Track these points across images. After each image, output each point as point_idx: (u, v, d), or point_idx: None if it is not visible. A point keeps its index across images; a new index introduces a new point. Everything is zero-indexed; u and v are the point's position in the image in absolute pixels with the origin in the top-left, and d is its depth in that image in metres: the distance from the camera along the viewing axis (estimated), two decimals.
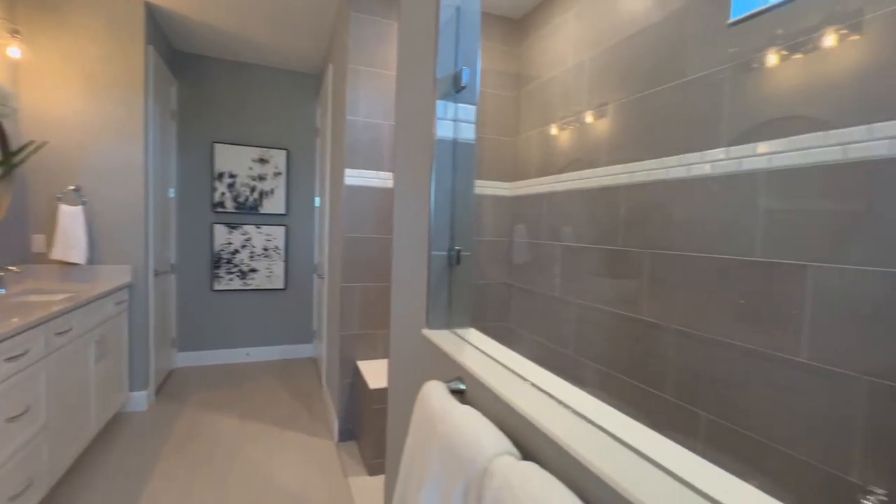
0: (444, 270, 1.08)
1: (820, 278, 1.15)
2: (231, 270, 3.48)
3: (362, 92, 2.27)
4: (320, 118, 3.46)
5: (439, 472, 0.65)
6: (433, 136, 1.05)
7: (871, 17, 1.08)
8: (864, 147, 1.07)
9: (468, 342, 0.99)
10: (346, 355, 2.35)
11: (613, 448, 0.53)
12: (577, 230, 2.12)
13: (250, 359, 3.62)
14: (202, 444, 2.29)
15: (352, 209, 2.29)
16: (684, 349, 1.53)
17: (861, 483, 1.04)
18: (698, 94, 1.50)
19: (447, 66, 1.05)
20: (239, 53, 3.31)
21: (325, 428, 2.53)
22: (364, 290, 2.33)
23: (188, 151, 3.35)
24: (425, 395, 0.80)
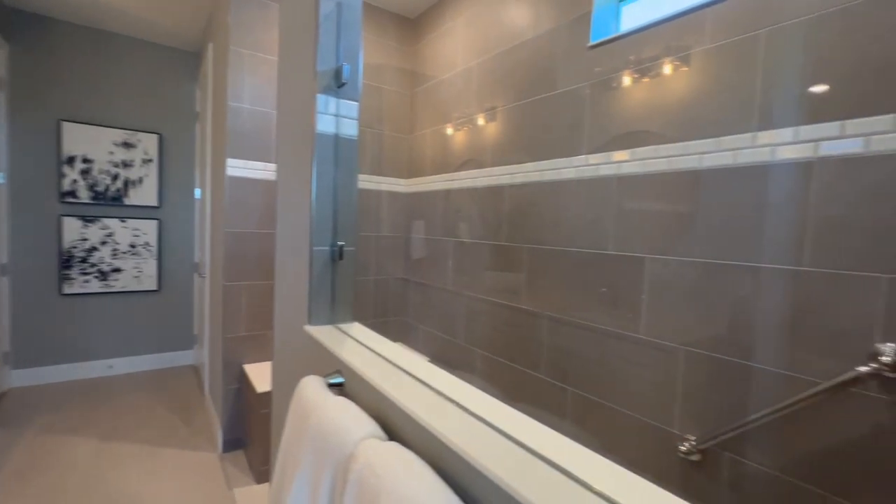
0: (326, 266, 1.07)
1: (653, 268, 1.38)
2: (87, 271, 3.00)
3: (247, 77, 2.12)
4: (200, 102, 3.15)
5: (309, 462, 0.66)
6: (314, 129, 1.04)
7: (696, 51, 1.32)
8: (684, 160, 1.31)
9: (350, 336, 1.00)
10: (232, 359, 2.19)
11: (473, 426, 0.59)
12: (470, 227, 2.24)
13: (114, 372, 3.16)
14: (48, 478, 1.96)
15: (235, 202, 2.14)
16: (555, 333, 1.72)
17: (679, 433, 1.29)
18: (567, 106, 1.69)
19: (328, 61, 1.04)
20: (97, 18, 2.85)
21: (208, 440, 2.33)
22: (250, 289, 2.19)
23: (24, 129, 2.80)
24: (300, 390, 0.80)
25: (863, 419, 0.96)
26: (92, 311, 3.06)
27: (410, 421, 0.62)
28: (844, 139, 1.00)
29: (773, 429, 1.10)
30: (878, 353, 0.92)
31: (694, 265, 1.28)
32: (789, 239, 1.09)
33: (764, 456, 1.12)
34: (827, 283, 1.02)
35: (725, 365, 1.19)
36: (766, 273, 1.12)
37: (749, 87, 1.17)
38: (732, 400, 1.18)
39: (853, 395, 0.97)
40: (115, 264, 3.09)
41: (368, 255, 2.67)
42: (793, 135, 1.08)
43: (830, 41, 1.03)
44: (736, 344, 1.18)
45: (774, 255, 1.11)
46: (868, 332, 0.95)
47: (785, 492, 1.08)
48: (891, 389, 0.92)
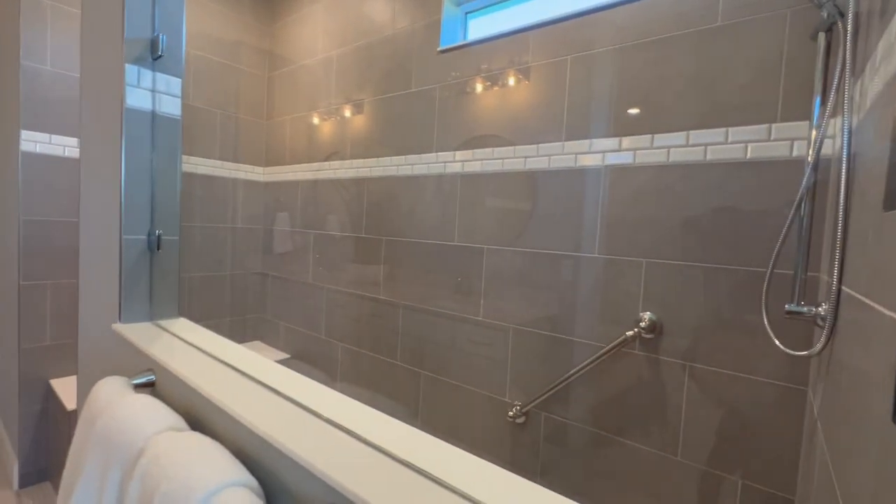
0: (142, 257, 0.97)
1: (490, 258, 1.55)
2: None
3: (51, 33, 1.76)
4: None
5: (94, 467, 0.60)
6: (122, 104, 0.93)
7: (534, 65, 1.49)
8: (513, 162, 1.49)
9: (170, 332, 0.92)
10: (33, 375, 1.81)
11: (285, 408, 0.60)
12: (337, 219, 2.20)
13: None
14: None
15: (34, 185, 1.77)
16: (411, 321, 1.81)
17: (510, 401, 1.47)
18: (421, 105, 1.77)
19: (141, 29, 0.93)
20: None
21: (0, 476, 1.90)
22: (56, 289, 1.84)
23: None
24: (94, 394, 0.72)
25: (630, 372, 1.22)
26: None
27: (216, 410, 0.61)
28: (621, 152, 1.25)
29: (575, 388, 1.33)
30: (639, 320, 1.19)
31: (522, 255, 1.47)
32: (589, 231, 1.32)
33: (568, 411, 1.35)
34: (609, 266, 1.27)
35: (543, 339, 1.40)
36: (572, 260, 1.35)
37: (559, 103, 1.38)
38: (548, 368, 1.39)
39: (625, 355, 1.23)
40: None
41: (223, 249, 2.45)
42: (588, 146, 1.31)
43: (621, 70, 1.27)
44: (552, 321, 1.39)
45: (579, 244, 1.34)
46: (634, 303, 1.21)
47: (585, 438, 1.31)
48: (647, 348, 1.19)
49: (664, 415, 1.18)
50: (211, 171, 2.35)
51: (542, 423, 1.40)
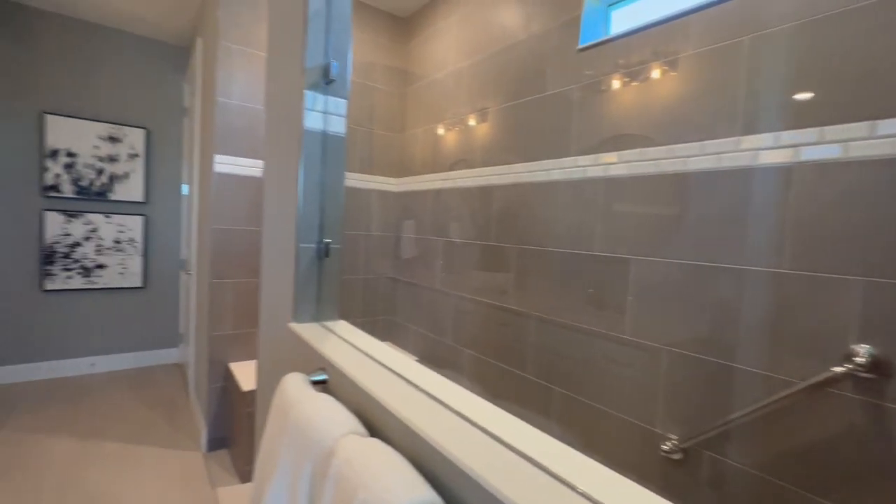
0: (312, 263, 1.07)
1: (638, 269, 1.40)
2: (70, 267, 2.95)
3: (237, 73, 2.11)
4: (188, 97, 3.11)
5: (289, 459, 0.65)
6: (301, 126, 1.03)
7: (684, 56, 1.33)
8: (669, 163, 1.32)
9: (335, 334, 1.00)
10: (217, 357, 2.16)
11: (454, 422, 0.59)
12: (460, 226, 2.24)
13: (96, 370, 3.11)
14: (24, 477, 1.92)
15: (222, 199, 2.12)
16: (542, 333, 1.73)
17: (662, 432, 1.30)
18: (556, 108, 1.70)
19: (317, 57, 1.04)
20: (82, 9, 2.81)
21: (192, 439, 2.30)
22: (236, 287, 2.17)
23: (4, 121, 2.74)
24: (283, 387, 0.80)
25: (838, 418, 0.98)
26: (74, 307, 3.00)
27: (392, 418, 0.62)
28: (823, 145, 1.02)
29: (752, 428, 1.12)
30: (852, 354, 0.95)
31: (679, 267, 1.29)
32: (770, 241, 1.11)
33: (744, 455, 1.14)
34: (804, 285, 1.04)
35: (707, 365, 1.21)
36: (747, 275, 1.14)
37: (733, 93, 1.19)
38: (714, 400, 1.20)
39: (829, 395, 0.99)
40: (99, 260, 3.03)
41: (357, 254, 2.66)
42: (774, 140, 1.10)
43: (812, 48, 1.05)
44: (717, 344, 1.20)
45: (756, 257, 1.13)
46: (843, 333, 0.97)
47: (764, 490, 1.10)
48: (864, 390, 0.94)
49: (888, 475, 0.92)
50: (350, 184, 2.58)
51: (705, 464, 1.21)
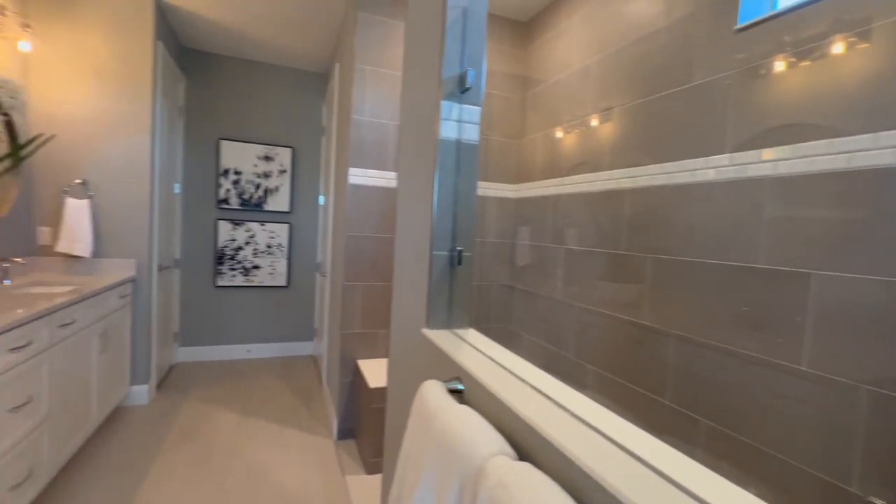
0: (445, 270, 1.08)
1: (823, 286, 1.14)
2: (234, 267, 3.50)
3: (369, 92, 2.28)
4: (326, 117, 3.48)
5: (434, 469, 0.65)
6: (437, 136, 1.05)
7: (880, 24, 1.07)
8: (870, 156, 1.06)
9: (467, 342, 0.99)
10: (347, 354, 2.35)
11: (610, 451, 0.53)
12: (581, 233, 2.11)
13: (251, 355, 3.63)
14: (202, 440, 2.30)
15: (355, 208, 2.30)
16: (685, 355, 1.52)
17: (861, 494, 1.04)
18: (704, 100, 1.50)
19: (453, 67, 1.05)
20: (246, 51, 3.33)
21: (325, 426, 2.54)
22: (366, 289, 2.34)
23: (195, 148, 3.37)
24: (423, 394, 0.81)
25: None
26: (236, 301, 3.56)
27: (542, 441, 0.57)
28: None
29: None
30: None
31: (881, 285, 1.03)
32: None
33: None
34: None
35: None
36: None
37: None
38: None
39: None
40: (255, 262, 3.55)
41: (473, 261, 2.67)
42: None
43: None
44: None
45: None
46: None
47: None
48: None
49: None
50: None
51: None
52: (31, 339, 1.56)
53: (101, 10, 2.47)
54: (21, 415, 1.51)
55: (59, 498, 1.78)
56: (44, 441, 1.67)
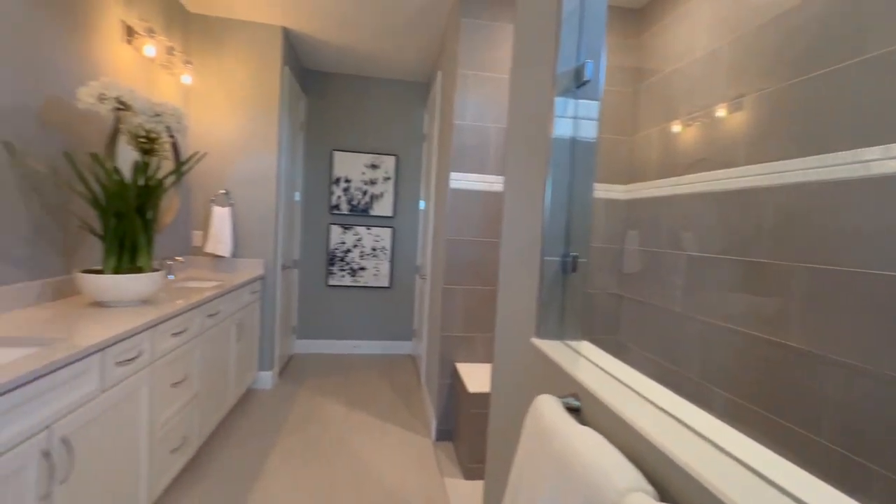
0: (556, 277, 1.01)
1: None
2: (343, 268, 3.78)
3: (471, 96, 2.29)
4: (427, 124, 3.59)
5: (554, 494, 0.60)
6: (550, 135, 1.00)
7: None
8: None
9: (583, 356, 0.91)
10: (446, 356, 2.38)
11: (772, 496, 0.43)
12: (703, 238, 1.87)
13: (357, 351, 3.88)
14: (315, 426, 2.51)
15: (455, 212, 2.32)
16: (850, 386, 1.25)
17: None
18: (882, 75, 1.22)
19: (568, 61, 0.99)
20: (357, 67, 3.59)
21: (423, 425, 2.60)
22: (466, 293, 2.34)
23: (312, 159, 3.72)
24: (538, 409, 0.76)
25: None
26: (344, 300, 3.83)
27: (690, 482, 0.49)
28: None
29: None
30: None
31: None
32: None
33: None
34: None
35: None
36: None
37: None
38: None
39: None
40: (362, 264, 3.79)
41: None
42: None
43: None
44: None
45: None
46: None
47: None
48: None
49: None
50: None
51: None
52: (188, 327, 1.84)
53: (242, 43, 2.84)
54: (179, 390, 1.78)
55: (203, 466, 2.06)
56: (195, 414, 1.94)
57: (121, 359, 1.37)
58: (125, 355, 1.39)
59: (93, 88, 1.61)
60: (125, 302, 1.67)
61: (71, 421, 1.16)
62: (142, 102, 1.71)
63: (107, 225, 1.67)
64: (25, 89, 1.56)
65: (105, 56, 1.99)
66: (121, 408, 1.39)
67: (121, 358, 1.37)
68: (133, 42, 2.18)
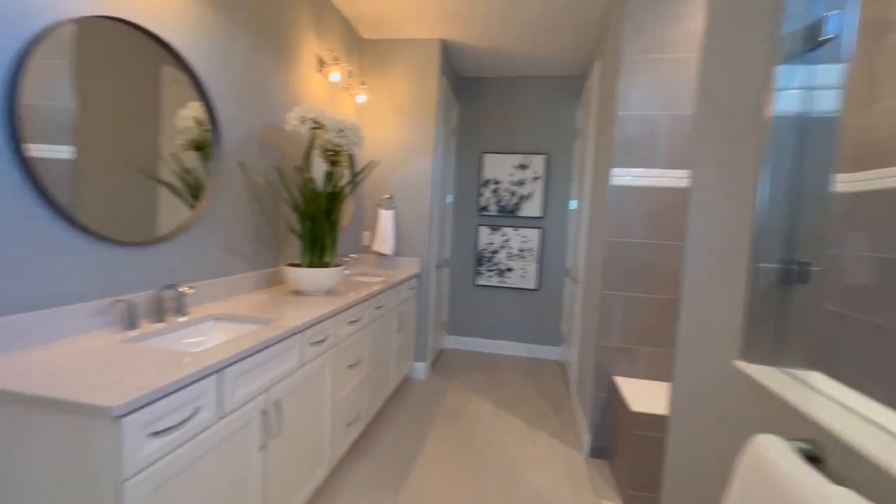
0: (772, 289, 0.82)
1: None
2: (491, 268, 3.83)
3: (637, 83, 2.07)
4: (581, 119, 3.40)
5: None
6: (768, 113, 0.81)
7: None
8: None
9: (817, 390, 0.71)
10: (602, 368, 2.20)
11: None
12: None
13: (502, 352, 3.89)
14: (464, 421, 2.58)
15: (617, 211, 2.13)
16: None
17: None
18: None
19: (797, 18, 0.79)
20: (508, 69, 3.60)
21: (574, 437, 2.45)
22: (627, 301, 2.13)
23: (463, 162, 3.87)
24: (761, 453, 0.61)
25: None
26: (491, 300, 3.88)
27: None
28: None
29: None
30: None
31: None
32: None
33: None
34: None
35: None
36: None
37: None
38: None
39: None
40: (509, 265, 3.79)
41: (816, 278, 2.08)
42: None
43: None
44: None
45: None
46: None
47: None
48: None
49: None
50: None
51: None
52: (361, 316, 2.07)
53: (405, 60, 3.10)
54: (353, 372, 2.02)
55: (368, 443, 2.30)
56: (364, 394, 2.18)
57: (313, 340, 1.60)
58: (316, 337, 1.62)
59: (296, 113, 1.93)
60: (315, 292, 1.96)
61: (280, 388, 1.39)
62: (331, 121, 1.99)
63: (304, 226, 1.99)
64: (252, 119, 1.96)
65: (302, 85, 2.38)
66: (312, 382, 1.63)
67: (313, 339, 1.60)
68: (322, 70, 2.56)
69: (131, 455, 0.86)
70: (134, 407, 0.85)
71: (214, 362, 1.07)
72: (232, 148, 1.82)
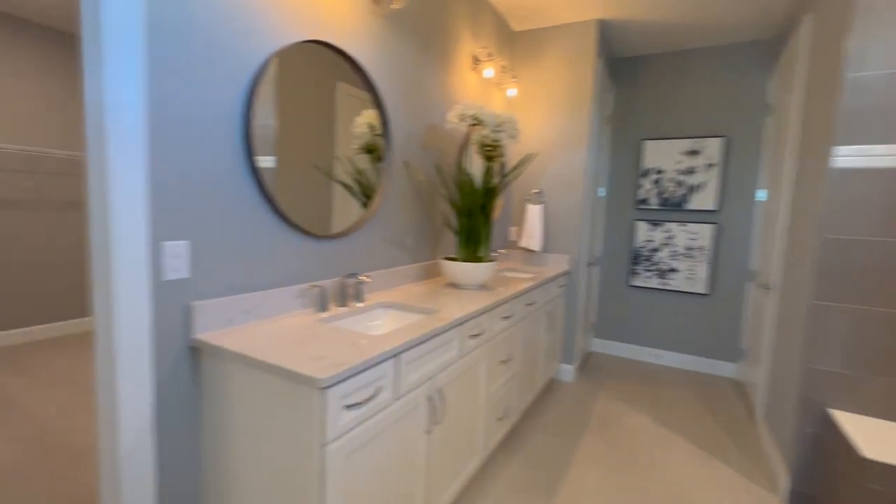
0: None
1: None
2: (649, 268, 3.44)
3: (881, 33, 1.59)
4: (776, 92, 2.80)
5: None
6: None
7: None
8: None
9: None
10: (811, 396, 1.76)
11: None
12: None
13: (659, 361, 3.48)
14: (620, 432, 2.36)
15: (839, 201, 1.67)
16: None
17: None
18: None
19: None
20: (677, 42, 3.16)
21: (763, 475, 2.04)
22: (853, 314, 1.66)
23: (617, 152, 3.55)
24: None
25: None
26: (648, 303, 3.49)
27: None
28: None
29: None
30: None
31: None
32: None
33: None
34: None
35: None
36: None
37: None
38: None
39: None
40: (672, 265, 3.35)
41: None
42: None
43: None
44: None
45: None
46: None
47: None
48: None
49: None
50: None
51: None
52: (513, 312, 2.04)
53: (558, 47, 2.96)
54: (504, 367, 2.00)
55: (516, 443, 2.27)
56: (514, 391, 2.15)
57: (471, 333, 1.63)
58: (473, 331, 1.65)
59: (457, 110, 1.99)
60: (469, 285, 2.00)
61: (443, 377, 1.44)
62: (489, 116, 2.00)
63: (460, 221, 2.04)
64: (415, 120, 2.08)
65: (458, 83, 2.45)
66: (469, 374, 1.66)
67: (471, 333, 1.63)
68: (476, 67, 2.60)
69: (332, 423, 0.97)
70: (336, 381, 0.95)
71: (393, 347, 1.15)
72: (398, 148, 1.97)
